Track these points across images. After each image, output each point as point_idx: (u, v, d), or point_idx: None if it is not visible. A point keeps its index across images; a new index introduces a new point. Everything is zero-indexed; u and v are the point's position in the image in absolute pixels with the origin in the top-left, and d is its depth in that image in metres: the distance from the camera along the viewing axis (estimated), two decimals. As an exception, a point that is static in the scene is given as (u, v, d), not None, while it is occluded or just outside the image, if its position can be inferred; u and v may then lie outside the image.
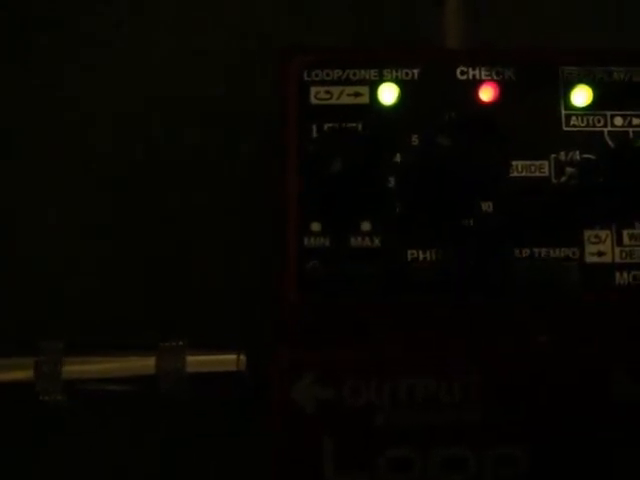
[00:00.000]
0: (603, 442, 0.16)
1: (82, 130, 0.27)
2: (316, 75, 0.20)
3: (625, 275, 0.19)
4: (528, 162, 0.20)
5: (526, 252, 0.19)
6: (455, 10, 0.22)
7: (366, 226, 0.19)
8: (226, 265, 0.23)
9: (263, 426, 0.18)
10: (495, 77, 0.20)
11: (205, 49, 0.27)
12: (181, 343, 0.20)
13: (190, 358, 0.20)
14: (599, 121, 0.20)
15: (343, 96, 0.20)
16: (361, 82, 0.20)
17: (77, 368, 0.20)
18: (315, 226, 0.19)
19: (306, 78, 0.20)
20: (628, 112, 0.20)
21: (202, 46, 0.27)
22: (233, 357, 0.20)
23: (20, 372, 0.20)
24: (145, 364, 0.20)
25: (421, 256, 0.19)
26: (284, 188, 0.19)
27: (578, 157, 0.20)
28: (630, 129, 0.20)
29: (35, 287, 0.24)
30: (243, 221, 0.24)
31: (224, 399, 0.21)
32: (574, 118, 0.20)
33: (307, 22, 0.27)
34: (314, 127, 0.19)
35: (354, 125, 0.19)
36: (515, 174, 0.20)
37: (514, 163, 0.19)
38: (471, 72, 0.20)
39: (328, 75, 0.20)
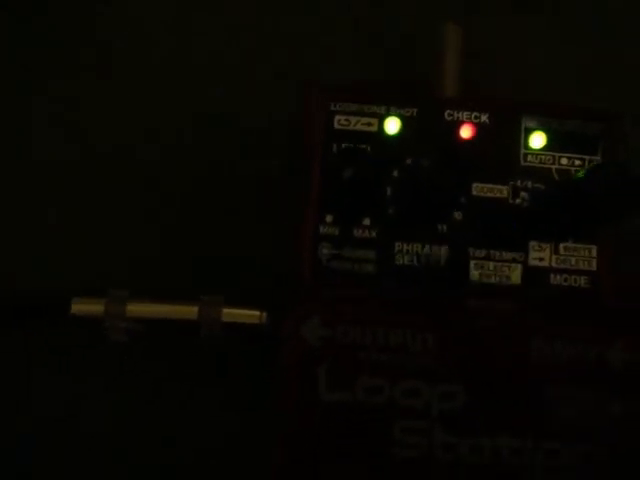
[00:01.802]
0: (522, 387, 0.22)
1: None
2: (340, 106, 0.26)
3: (558, 277, 0.25)
4: (493, 185, 0.26)
5: (484, 252, 0.25)
6: (450, 62, 0.29)
7: (366, 222, 0.25)
8: (259, 246, 0.28)
9: (274, 370, 0.24)
10: (473, 120, 0.26)
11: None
12: (218, 298, 0.27)
13: (225, 310, 0.26)
14: (549, 160, 0.26)
15: (358, 124, 0.26)
16: (372, 115, 0.26)
17: (138, 308, 0.27)
18: (328, 218, 0.25)
19: (332, 108, 0.26)
20: (572, 155, 0.26)
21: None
22: (257, 313, 0.26)
23: (95, 309, 0.27)
24: (190, 311, 0.26)
25: (404, 248, 0.25)
26: (308, 189, 0.25)
27: (530, 185, 0.26)
28: (572, 168, 0.26)
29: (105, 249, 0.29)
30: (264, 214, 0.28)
31: (247, 347, 0.28)
32: (530, 156, 0.26)
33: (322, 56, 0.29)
34: (334, 145, 0.26)
35: (364, 146, 0.25)
36: (482, 194, 0.26)
37: (482, 185, 0.26)
38: (455, 114, 0.26)
39: (349, 107, 0.26)
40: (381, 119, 0.26)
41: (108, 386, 0.28)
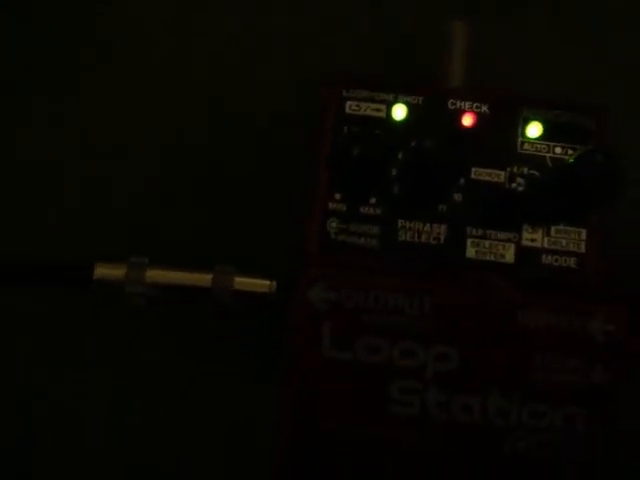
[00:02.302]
0: (511, 352, 0.24)
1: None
2: (351, 93, 0.28)
3: (549, 257, 0.27)
4: (491, 170, 0.28)
5: (480, 232, 0.27)
6: (456, 59, 0.31)
7: (372, 200, 0.27)
8: (273, 223, 0.30)
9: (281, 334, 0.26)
10: (474, 109, 0.28)
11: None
12: (231, 268, 0.28)
13: (236, 279, 0.28)
14: (544, 149, 0.28)
15: (368, 110, 0.28)
16: (381, 101, 0.28)
17: (156, 274, 0.28)
18: (337, 195, 0.27)
19: (344, 94, 0.28)
20: (566, 144, 0.28)
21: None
22: (267, 282, 0.28)
23: (117, 274, 0.28)
24: (204, 279, 0.28)
25: (407, 225, 0.27)
26: (319, 166, 0.27)
27: (526, 172, 0.28)
28: (565, 156, 0.27)
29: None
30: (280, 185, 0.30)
31: (255, 314, 0.29)
32: (527, 144, 0.28)
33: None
34: (345, 128, 0.28)
35: (373, 129, 0.27)
36: (480, 178, 0.28)
37: (481, 170, 0.27)
38: (458, 104, 0.28)
39: (360, 94, 0.28)
40: (389, 106, 0.27)
41: (121, 349, 0.30)
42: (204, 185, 0.31)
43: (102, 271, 0.28)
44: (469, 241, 0.27)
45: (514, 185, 0.27)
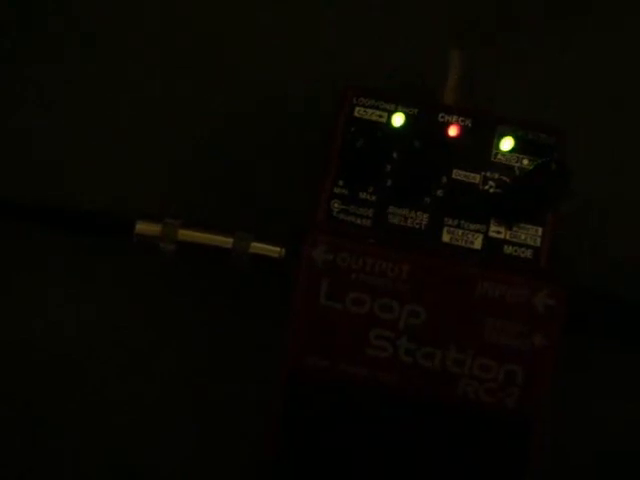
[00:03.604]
0: (469, 315, 0.29)
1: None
2: (359, 101, 0.34)
3: (510, 248, 0.33)
4: (469, 173, 0.33)
5: (456, 222, 0.33)
6: (451, 87, 0.37)
7: (370, 189, 0.33)
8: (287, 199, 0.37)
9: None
10: (459, 123, 0.34)
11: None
12: (250, 235, 0.34)
13: (252, 244, 0.34)
14: (514, 159, 0.34)
15: (372, 115, 0.34)
16: (384, 109, 0.34)
17: (185, 233, 0.34)
18: (341, 182, 0.33)
19: (354, 101, 0.34)
20: (532, 157, 0.33)
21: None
22: (278, 249, 0.34)
23: (154, 230, 0.34)
24: (226, 241, 0.34)
25: (396, 211, 0.33)
26: (329, 158, 0.33)
27: (497, 177, 0.33)
28: (531, 167, 0.34)
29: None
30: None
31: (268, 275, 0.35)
32: (500, 155, 0.33)
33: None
34: (352, 128, 0.33)
35: (375, 131, 0.33)
36: (460, 178, 0.33)
37: (460, 172, 0.33)
38: (446, 117, 0.34)
39: (367, 102, 0.34)
40: (390, 113, 0.33)
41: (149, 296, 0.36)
42: (218, 184, 0.37)
43: (141, 227, 0.34)
44: (445, 229, 0.33)
45: (486, 187, 0.33)
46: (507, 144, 0.33)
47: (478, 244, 0.32)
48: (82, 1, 0.39)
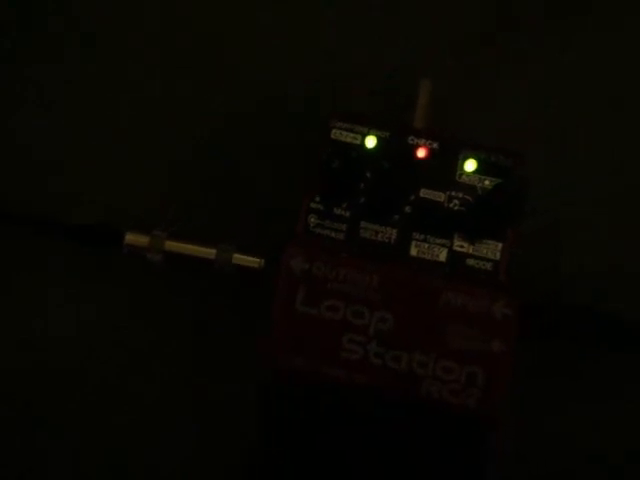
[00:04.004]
0: (433, 321, 0.32)
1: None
2: (336, 124, 0.37)
3: (472, 261, 0.36)
4: (435, 192, 0.36)
5: (423, 237, 0.36)
6: (420, 114, 0.40)
7: (344, 205, 0.36)
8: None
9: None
10: (427, 145, 0.37)
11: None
12: (232, 246, 0.37)
13: (235, 255, 0.37)
14: (476, 180, 0.36)
15: (347, 137, 0.37)
16: (358, 132, 0.36)
17: (173, 244, 0.36)
18: (317, 198, 0.36)
19: (332, 124, 0.37)
20: (493, 178, 0.36)
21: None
22: (258, 260, 0.37)
23: (142, 241, 0.36)
24: (210, 252, 0.36)
25: (368, 226, 0.36)
26: (309, 176, 0.35)
27: (461, 196, 0.36)
28: (491, 187, 0.36)
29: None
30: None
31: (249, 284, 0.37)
32: (464, 176, 0.36)
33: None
34: (329, 148, 0.36)
35: (349, 152, 0.36)
36: (427, 196, 0.36)
37: (427, 190, 0.36)
38: (415, 140, 0.36)
39: (342, 126, 0.37)
40: (363, 136, 0.36)
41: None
42: (217, 184, 0.38)
43: (130, 238, 0.36)
44: (413, 243, 0.35)
45: (451, 205, 0.36)
46: (470, 166, 0.36)
47: (443, 257, 0.35)
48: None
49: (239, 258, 0.36)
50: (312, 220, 0.35)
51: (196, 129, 0.39)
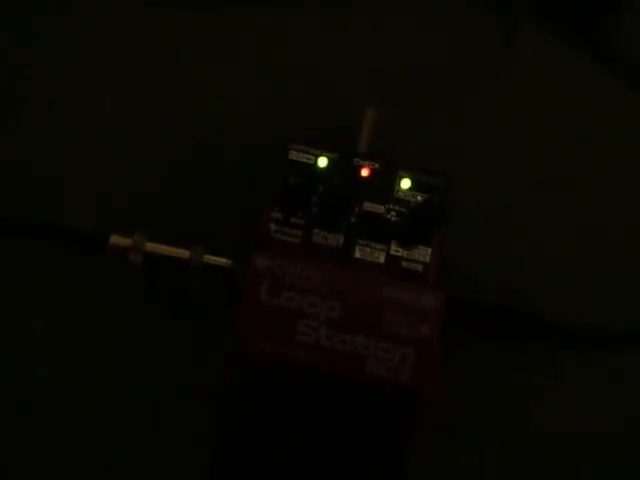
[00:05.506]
0: (372, 310, 0.38)
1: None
2: (293, 147, 0.43)
3: (406, 263, 0.42)
4: (376, 205, 0.43)
5: (365, 242, 0.42)
6: (365, 139, 0.47)
7: (299, 215, 0.42)
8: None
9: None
10: (370, 165, 0.43)
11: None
12: (204, 248, 0.43)
13: (205, 256, 0.42)
14: (410, 196, 0.44)
15: (302, 157, 0.43)
16: (311, 154, 0.43)
17: (152, 245, 0.42)
18: (277, 208, 0.42)
19: (289, 147, 0.43)
20: (424, 194, 0.43)
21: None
22: (225, 260, 0.43)
23: (125, 242, 0.42)
24: (184, 253, 0.42)
25: (320, 233, 0.42)
26: (272, 191, 0.42)
27: (397, 209, 0.43)
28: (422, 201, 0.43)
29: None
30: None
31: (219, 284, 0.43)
32: (400, 192, 0.43)
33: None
34: (287, 167, 0.43)
35: (304, 170, 0.42)
36: (369, 209, 0.43)
37: (369, 204, 0.43)
38: (360, 161, 0.43)
39: (298, 148, 0.43)
40: (316, 157, 0.43)
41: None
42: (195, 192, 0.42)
43: (114, 239, 0.42)
44: (357, 247, 0.42)
45: (389, 216, 0.43)
46: (406, 184, 0.43)
47: (382, 260, 0.42)
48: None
49: (210, 258, 0.42)
50: (272, 227, 0.42)
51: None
